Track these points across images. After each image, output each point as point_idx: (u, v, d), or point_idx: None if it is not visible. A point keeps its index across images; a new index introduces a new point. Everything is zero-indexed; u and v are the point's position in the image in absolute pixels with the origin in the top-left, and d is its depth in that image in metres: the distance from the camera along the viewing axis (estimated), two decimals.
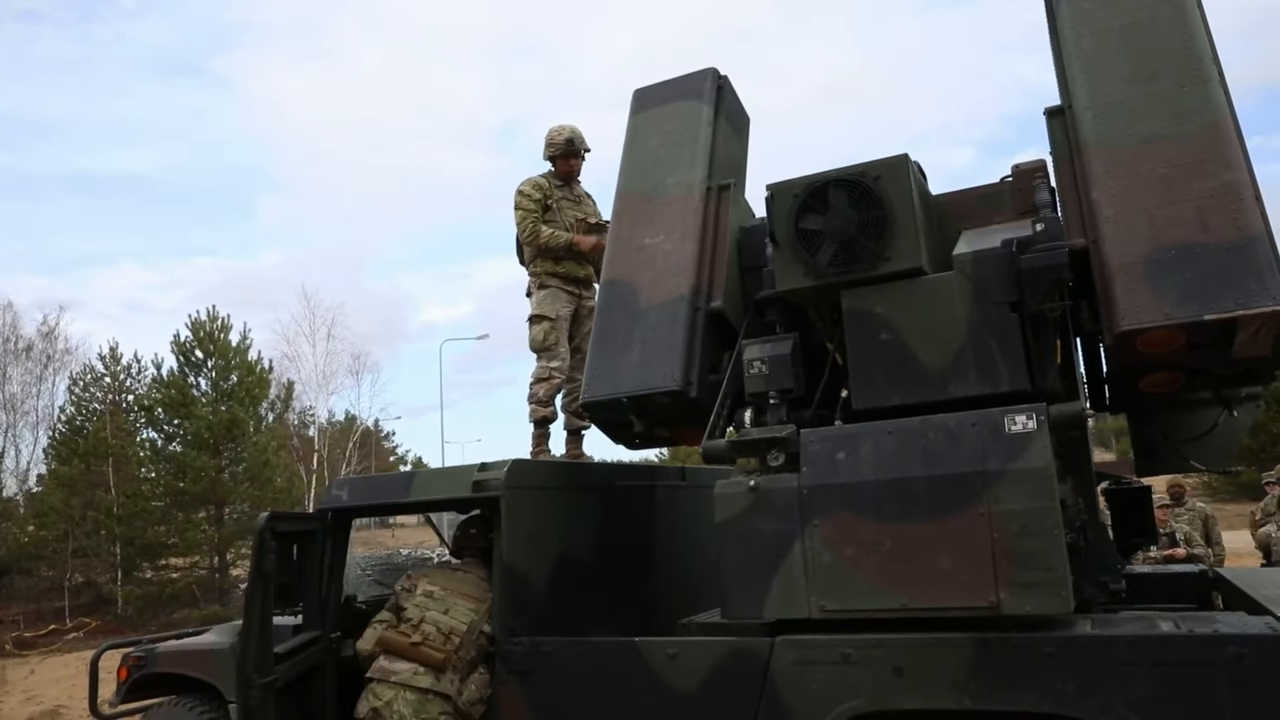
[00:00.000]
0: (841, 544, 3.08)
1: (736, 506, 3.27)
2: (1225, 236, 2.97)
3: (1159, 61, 3.38)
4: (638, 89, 4.68)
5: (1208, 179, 3.11)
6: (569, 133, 5.46)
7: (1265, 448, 21.62)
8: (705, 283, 3.96)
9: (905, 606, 2.98)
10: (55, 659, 16.75)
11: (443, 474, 4.41)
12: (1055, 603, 2.79)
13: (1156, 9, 3.48)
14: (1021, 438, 2.90)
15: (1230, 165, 3.10)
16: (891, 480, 3.05)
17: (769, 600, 3.17)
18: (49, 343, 27.23)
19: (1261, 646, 2.63)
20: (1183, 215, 3.07)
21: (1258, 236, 2.95)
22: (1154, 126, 3.28)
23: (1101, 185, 3.23)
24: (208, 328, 24.12)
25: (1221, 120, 3.19)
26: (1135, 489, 4.07)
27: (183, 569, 23.16)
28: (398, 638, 3.89)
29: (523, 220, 5.29)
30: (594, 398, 3.95)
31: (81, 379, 25.45)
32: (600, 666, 3.55)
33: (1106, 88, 3.41)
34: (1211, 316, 2.87)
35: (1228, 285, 2.89)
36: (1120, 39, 3.47)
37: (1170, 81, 3.33)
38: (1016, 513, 2.85)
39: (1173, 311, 2.92)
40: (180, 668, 4.82)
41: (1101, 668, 2.76)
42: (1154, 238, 3.06)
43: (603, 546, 4.26)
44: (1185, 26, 3.41)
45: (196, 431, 22.70)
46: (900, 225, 3.34)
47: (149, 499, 22.79)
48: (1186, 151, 3.18)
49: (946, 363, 3.22)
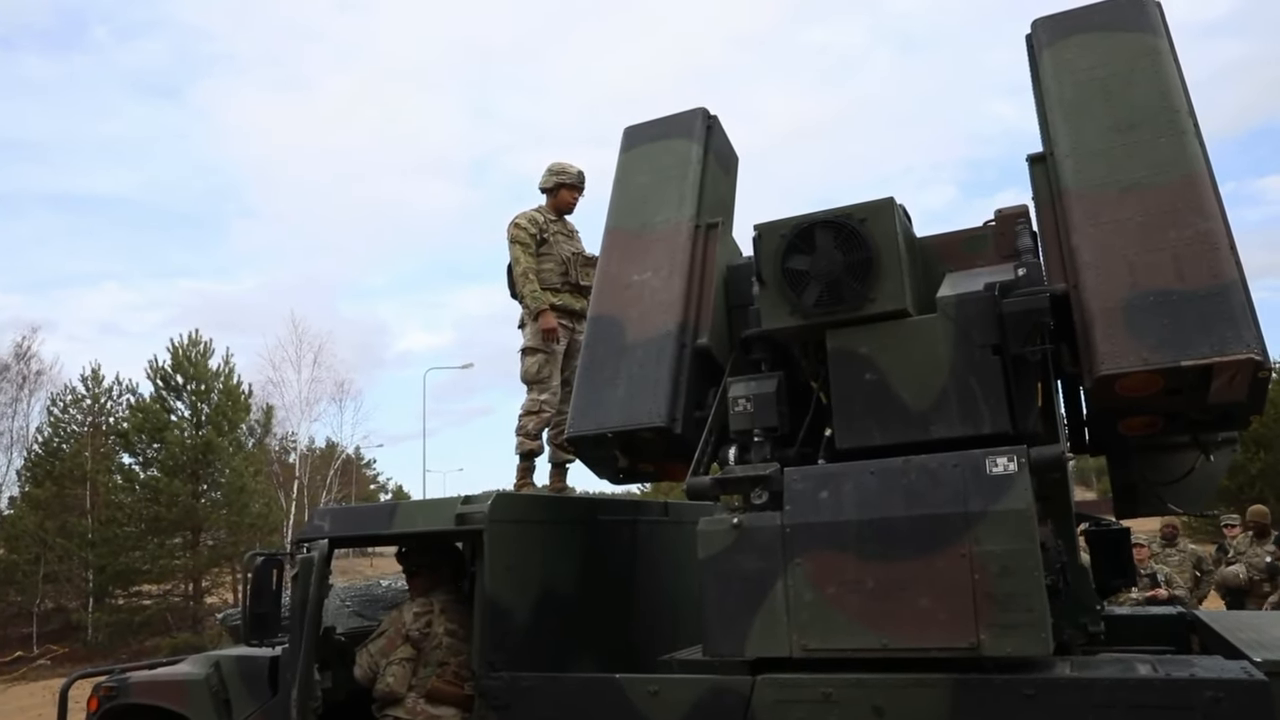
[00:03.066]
0: (824, 582, 3.09)
1: (720, 544, 3.27)
2: (1201, 284, 3.03)
3: (1138, 112, 3.46)
4: (628, 126, 4.73)
5: (1184, 227, 3.17)
6: (578, 168, 5.61)
7: (1243, 489, 21.81)
8: (692, 319, 3.97)
9: (886, 646, 2.98)
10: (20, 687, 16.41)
11: (426, 506, 4.39)
12: (1035, 645, 2.80)
13: (1136, 61, 3.58)
14: (1003, 479, 2.93)
15: (1205, 214, 3.17)
16: (874, 520, 3.06)
17: (750, 638, 3.17)
18: (24, 363, 26.98)
19: (1238, 691, 2.66)
20: (1160, 262, 3.12)
21: (1231, 284, 3.02)
22: (1133, 175, 3.34)
23: (1082, 231, 3.29)
24: (188, 351, 23.96)
25: (1197, 170, 3.27)
26: (1114, 530, 4.12)
27: (156, 596, 22.80)
28: (451, 688, 3.94)
29: (518, 256, 5.31)
30: (579, 432, 3.95)
31: (61, 400, 25.21)
32: (580, 703, 3.53)
33: (1087, 136, 3.49)
34: (1188, 362, 2.91)
35: (1204, 332, 2.94)
36: (1101, 89, 3.56)
37: (1149, 132, 3.40)
38: (997, 554, 2.87)
39: (1151, 357, 2.97)
40: (153, 698, 4.75)
41: (1080, 710, 2.77)
42: (1133, 284, 3.11)
43: (585, 581, 4.25)
44: (1162, 79, 3.50)
45: (173, 456, 22.46)
46: (885, 267, 3.38)
47: (123, 524, 22.48)
48: (1164, 200, 3.25)
49: (929, 404, 3.25)
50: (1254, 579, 8.87)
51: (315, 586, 4.13)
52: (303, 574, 4.12)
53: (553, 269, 5.41)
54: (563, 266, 5.42)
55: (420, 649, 4.01)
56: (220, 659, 4.70)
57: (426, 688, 3.96)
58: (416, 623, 4.06)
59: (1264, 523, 9.24)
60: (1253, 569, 8.90)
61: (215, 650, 5.50)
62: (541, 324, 5.24)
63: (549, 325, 5.23)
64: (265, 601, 4.29)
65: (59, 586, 21.97)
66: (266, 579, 4.34)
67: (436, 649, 4.01)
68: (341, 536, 4.34)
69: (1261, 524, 9.22)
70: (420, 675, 3.99)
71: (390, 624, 4.12)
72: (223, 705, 4.53)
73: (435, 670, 3.99)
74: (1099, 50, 3.67)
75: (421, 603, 4.14)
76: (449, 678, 3.97)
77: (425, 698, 3.94)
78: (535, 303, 5.26)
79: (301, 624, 4.06)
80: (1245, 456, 23.25)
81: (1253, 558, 8.97)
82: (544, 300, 5.27)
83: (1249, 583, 8.88)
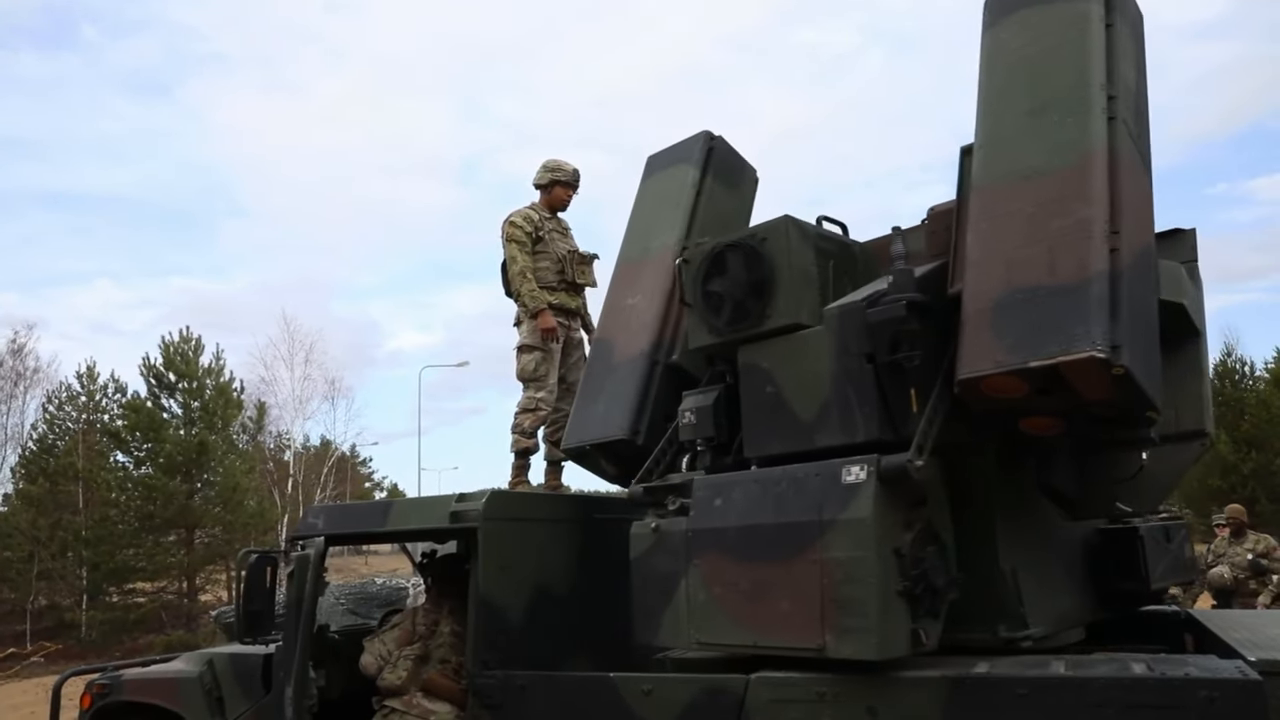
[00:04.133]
0: (712, 583, 3.28)
1: (643, 545, 3.53)
2: (1068, 277, 2.87)
3: (1053, 91, 3.20)
4: (651, 155, 4.89)
5: (1066, 216, 2.97)
6: (573, 165, 5.63)
7: (1235, 488, 21.88)
8: (668, 338, 4.22)
9: (755, 644, 3.14)
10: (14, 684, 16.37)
11: (420, 504, 4.39)
12: (867, 649, 2.89)
13: (1065, 34, 3.30)
14: (852, 488, 3.00)
15: (1089, 200, 2.94)
16: (748, 526, 3.22)
17: (662, 630, 3.42)
18: (19, 360, 26.90)
19: (1232, 691, 2.65)
20: (1035, 257, 2.97)
21: (1096, 276, 2.81)
22: (1031, 162, 3.16)
23: (975, 228, 3.15)
24: (180, 349, 23.90)
25: (1093, 151, 3.02)
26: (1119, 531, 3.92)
27: (150, 593, 22.76)
28: (447, 683, 3.97)
29: (514, 255, 5.30)
30: (567, 446, 4.42)
31: (56, 397, 25.15)
32: (574, 701, 3.53)
33: (1003, 124, 3.29)
34: (1035, 363, 2.81)
35: (1057, 330, 2.80)
36: (1027, 70, 3.33)
37: (1058, 112, 3.16)
38: (841, 561, 2.96)
39: (1004, 358, 2.85)
40: (147, 696, 4.73)
41: (1074, 709, 2.76)
42: (1007, 281, 2.98)
43: (580, 579, 4.24)
44: (1084, 51, 3.20)
45: (167, 455, 22.41)
46: (780, 284, 3.49)
47: (117, 522, 22.44)
48: (1053, 187, 3.05)
49: (815, 414, 3.34)
50: (1239, 578, 8.83)
51: (310, 584, 4.12)
52: (298, 572, 4.12)
53: (549, 267, 5.40)
54: (558, 265, 5.41)
55: (426, 646, 4.05)
56: (214, 657, 4.69)
57: (422, 681, 4.00)
58: (425, 619, 4.12)
59: (1241, 520, 9.20)
60: (1236, 568, 8.86)
61: (209, 648, 5.48)
62: (540, 323, 5.23)
63: (548, 324, 5.23)
64: (259, 599, 4.28)
65: (53, 584, 21.94)
66: (260, 577, 4.33)
67: (440, 647, 4.04)
68: (336, 534, 4.33)
69: (1239, 522, 9.17)
70: (423, 671, 4.03)
71: (405, 618, 4.16)
72: (216, 703, 4.52)
73: (437, 667, 4.01)
74: (1035, 26, 3.40)
75: (433, 604, 4.18)
76: (448, 674, 3.99)
77: (422, 690, 3.97)
78: (534, 302, 5.24)
79: (297, 622, 4.06)
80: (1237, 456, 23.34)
81: (1234, 557, 8.92)
82: (542, 299, 5.26)
83: (1234, 582, 8.83)
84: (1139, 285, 2.95)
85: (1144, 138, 3.31)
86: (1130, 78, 3.30)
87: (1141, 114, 3.36)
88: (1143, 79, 3.44)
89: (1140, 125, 3.31)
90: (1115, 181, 3.00)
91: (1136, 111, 3.30)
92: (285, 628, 4.14)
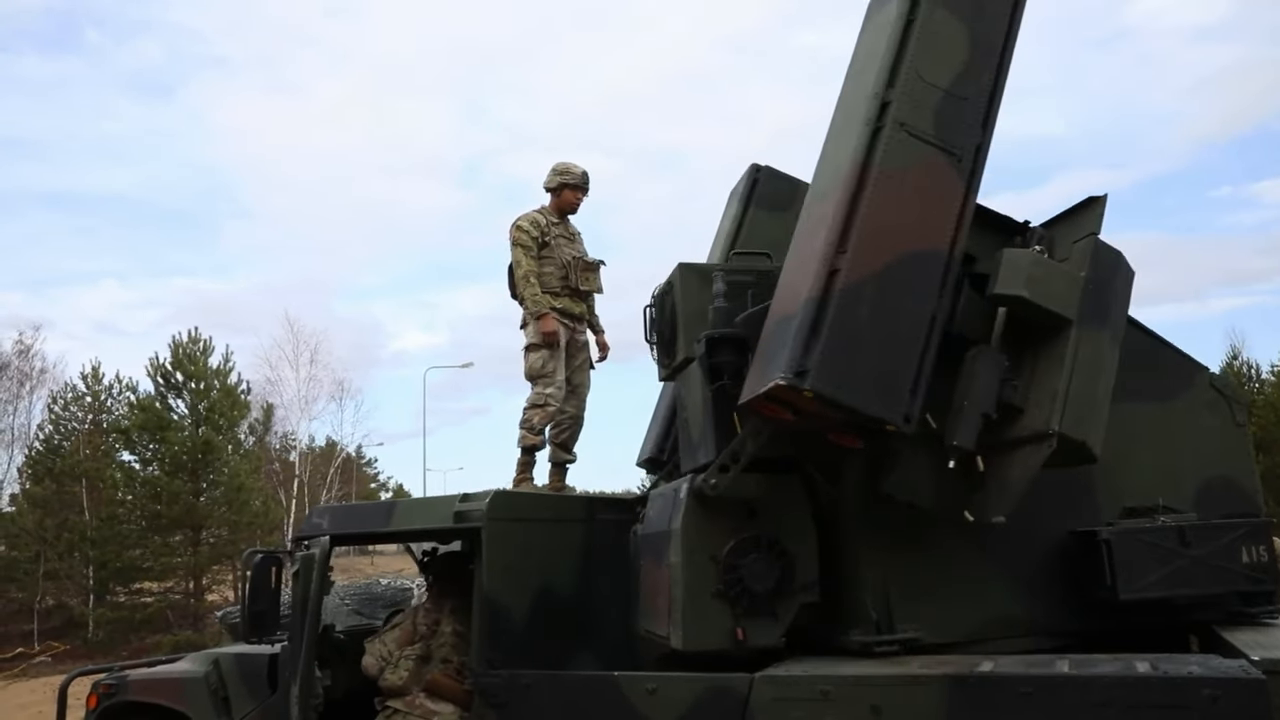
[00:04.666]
0: (645, 580, 3.83)
1: (632, 546, 4.11)
2: (791, 306, 3.06)
3: (854, 107, 3.31)
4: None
5: (815, 240, 3.11)
6: (583, 168, 5.58)
7: None
8: None
9: (652, 632, 3.66)
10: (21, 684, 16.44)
11: (424, 504, 4.40)
12: (677, 640, 3.37)
13: (872, 44, 3.40)
14: (678, 504, 3.46)
15: (830, 224, 3.04)
16: (651, 533, 3.78)
17: (634, 616, 3.97)
18: (25, 360, 26.97)
19: (1235, 689, 2.66)
20: (793, 284, 3.16)
21: (805, 303, 2.95)
22: (820, 185, 3.39)
23: (786, 260, 3.41)
24: (189, 349, 23.96)
25: (845, 173, 3.10)
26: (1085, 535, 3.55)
27: (157, 593, 22.81)
28: (450, 683, 3.99)
29: (519, 259, 5.31)
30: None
31: (61, 397, 25.22)
32: (579, 700, 3.55)
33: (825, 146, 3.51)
34: (747, 397, 3.08)
35: (774, 359, 2.98)
36: (855, 85, 3.46)
37: (849, 129, 3.26)
38: (672, 564, 3.42)
39: (752, 388, 3.09)
40: (152, 696, 4.75)
41: (1078, 708, 2.77)
42: (777, 308, 3.22)
43: (584, 579, 4.25)
44: (877, 57, 3.26)
45: (174, 454, 22.47)
46: (681, 325, 3.81)
47: (124, 522, 22.50)
48: (820, 210, 3.22)
49: (698, 436, 3.82)
50: None
51: (316, 584, 4.14)
52: (303, 572, 4.13)
53: (553, 273, 5.39)
54: (563, 271, 5.40)
55: (428, 646, 4.05)
56: (219, 657, 4.71)
57: (425, 681, 4.00)
58: (426, 619, 4.10)
59: None
60: None
61: (215, 648, 5.50)
62: (542, 327, 5.25)
63: (549, 329, 5.24)
64: (264, 599, 4.30)
65: (60, 584, 21.98)
66: (266, 577, 4.34)
67: (442, 647, 4.04)
68: (341, 534, 4.34)
69: None
70: (425, 671, 4.03)
71: (406, 618, 4.16)
72: (221, 703, 4.54)
73: (439, 667, 4.01)
74: (863, 41, 3.52)
75: (434, 603, 4.18)
76: (451, 674, 3.99)
77: (425, 690, 3.97)
78: (537, 306, 5.25)
79: (302, 622, 4.07)
80: None
81: None
82: (545, 303, 5.27)
83: None
84: (876, 299, 2.99)
85: (954, 126, 3.23)
86: (938, 70, 3.24)
87: (956, 101, 3.24)
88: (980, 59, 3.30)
89: (949, 114, 3.22)
90: (858, 197, 3.06)
91: (944, 104, 3.22)
92: (291, 628, 4.15)
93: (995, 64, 3.33)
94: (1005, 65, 3.35)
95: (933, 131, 3.19)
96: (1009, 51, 3.36)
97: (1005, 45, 3.35)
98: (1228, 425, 3.87)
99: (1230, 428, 3.88)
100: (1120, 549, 3.35)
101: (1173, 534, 3.39)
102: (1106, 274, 3.28)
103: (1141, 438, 3.71)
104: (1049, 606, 3.54)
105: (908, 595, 3.39)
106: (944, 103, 3.23)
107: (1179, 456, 3.78)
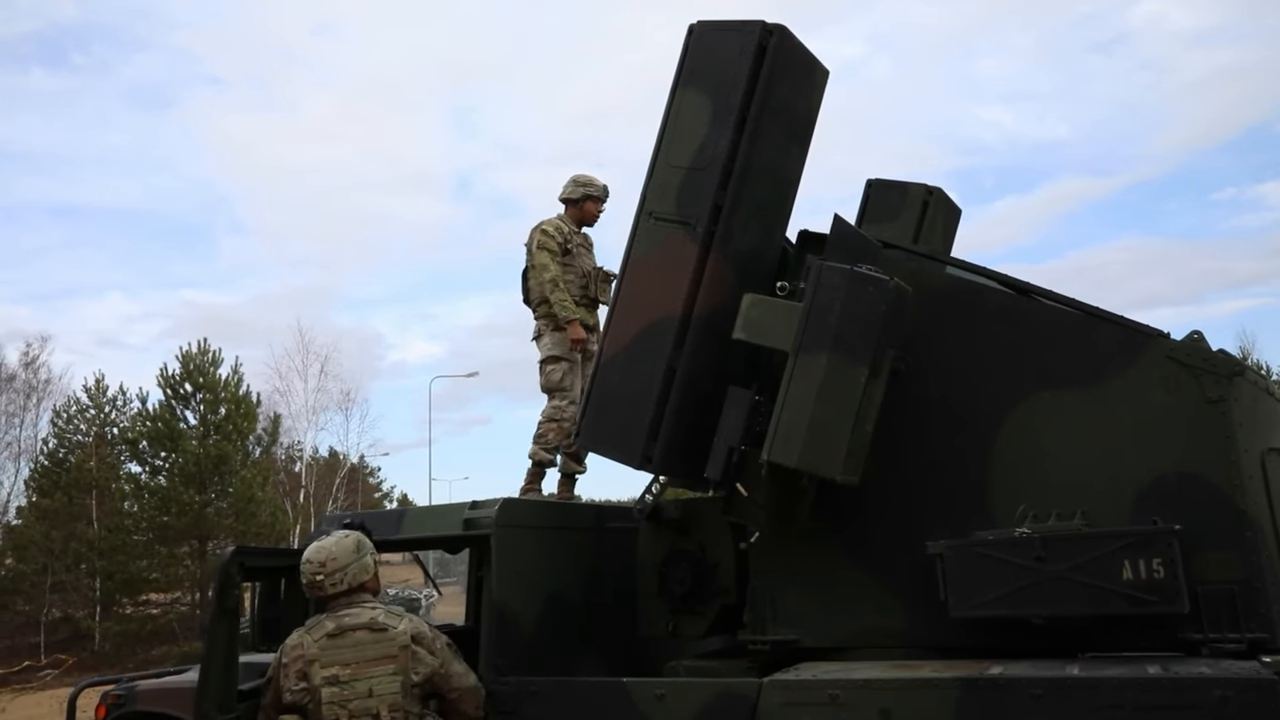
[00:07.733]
0: None
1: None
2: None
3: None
4: None
5: None
6: (604, 181, 5.56)
7: None
8: None
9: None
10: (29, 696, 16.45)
11: (434, 512, 4.41)
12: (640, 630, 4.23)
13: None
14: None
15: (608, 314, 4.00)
16: None
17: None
18: (31, 373, 27.04)
19: (1246, 690, 2.65)
20: None
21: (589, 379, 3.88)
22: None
23: None
24: (198, 360, 24.01)
25: (620, 269, 3.99)
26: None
27: (163, 605, 22.83)
28: None
29: (546, 263, 5.19)
30: None
31: (65, 410, 25.27)
32: (588, 707, 3.54)
33: None
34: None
35: None
36: None
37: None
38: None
39: None
40: (160, 706, 4.75)
41: (1088, 710, 2.77)
42: None
43: (592, 586, 4.26)
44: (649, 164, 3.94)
45: (184, 465, 22.50)
46: None
47: (131, 533, 22.51)
48: None
49: None
50: None
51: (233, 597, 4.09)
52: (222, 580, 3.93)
53: (574, 281, 5.31)
54: (584, 280, 5.35)
55: (295, 706, 3.44)
56: None
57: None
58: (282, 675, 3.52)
59: None
60: None
61: None
62: (571, 334, 5.17)
63: (578, 336, 5.16)
64: (273, 608, 4.29)
65: (66, 596, 21.98)
66: (274, 587, 4.34)
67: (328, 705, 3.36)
68: None
69: None
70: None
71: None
72: None
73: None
74: None
75: (294, 650, 3.50)
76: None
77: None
78: (566, 312, 5.16)
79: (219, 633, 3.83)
80: None
81: None
82: (573, 310, 5.16)
83: None
84: (625, 365, 3.74)
85: (692, 198, 3.69)
86: (681, 151, 3.77)
87: (695, 175, 3.71)
88: (719, 125, 3.69)
89: (688, 190, 3.71)
90: (620, 287, 3.90)
91: (685, 181, 3.73)
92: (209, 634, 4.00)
93: (734, 122, 3.68)
94: (749, 120, 3.67)
95: (674, 210, 3.77)
96: (755, 104, 3.69)
97: (747, 102, 3.69)
98: (1191, 404, 3.15)
99: (1197, 407, 3.14)
100: (953, 563, 3.18)
101: (1029, 546, 3.08)
102: (828, 298, 3.23)
103: (1060, 430, 3.31)
104: (928, 619, 3.35)
105: (792, 603, 3.69)
106: (685, 180, 3.77)
107: (1115, 449, 3.23)
